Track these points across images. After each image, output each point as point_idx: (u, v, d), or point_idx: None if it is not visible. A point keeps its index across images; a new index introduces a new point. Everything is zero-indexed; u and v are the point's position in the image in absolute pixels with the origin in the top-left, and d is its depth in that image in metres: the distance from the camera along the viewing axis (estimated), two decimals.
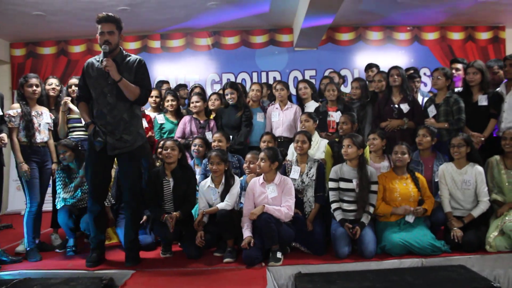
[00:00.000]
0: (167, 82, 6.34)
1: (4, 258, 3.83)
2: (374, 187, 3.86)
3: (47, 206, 4.54)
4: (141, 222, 4.10)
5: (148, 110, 5.32)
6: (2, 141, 3.79)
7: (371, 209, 3.84)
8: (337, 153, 4.28)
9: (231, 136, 4.75)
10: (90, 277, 3.43)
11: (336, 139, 4.56)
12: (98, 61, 3.61)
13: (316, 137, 4.57)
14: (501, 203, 3.93)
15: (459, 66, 5.33)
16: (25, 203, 4.12)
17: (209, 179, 4.05)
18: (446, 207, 3.93)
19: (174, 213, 3.85)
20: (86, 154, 3.85)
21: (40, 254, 3.98)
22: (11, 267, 3.73)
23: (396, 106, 4.66)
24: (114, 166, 3.98)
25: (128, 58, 3.64)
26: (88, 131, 3.65)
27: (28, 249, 3.98)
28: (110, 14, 3.52)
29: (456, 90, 4.88)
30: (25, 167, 3.99)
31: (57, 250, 4.24)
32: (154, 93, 5.31)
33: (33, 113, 4.16)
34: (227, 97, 5.04)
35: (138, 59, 3.65)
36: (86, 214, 3.98)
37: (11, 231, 5.42)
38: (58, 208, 4.23)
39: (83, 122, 4.37)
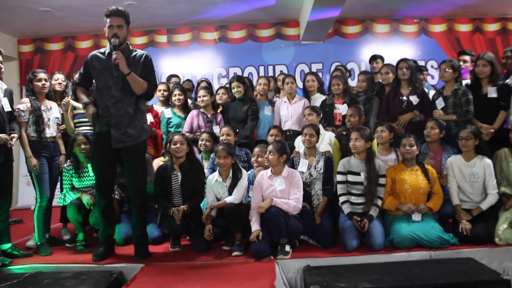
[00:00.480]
0: (177, 76, 6.31)
1: (16, 252, 3.86)
2: (382, 180, 3.86)
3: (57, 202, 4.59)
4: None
5: (156, 105, 5.34)
6: (10, 143, 3.78)
7: (379, 202, 3.84)
8: (345, 146, 4.28)
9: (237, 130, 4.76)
10: (100, 271, 3.46)
11: (344, 132, 4.56)
12: (103, 53, 3.63)
13: (320, 130, 4.56)
14: (510, 195, 3.91)
15: (467, 58, 5.30)
16: (35, 198, 4.16)
17: (216, 173, 4.06)
18: (454, 199, 3.92)
19: (182, 206, 3.88)
20: (91, 148, 3.88)
21: (50, 248, 4.02)
22: (23, 261, 3.76)
23: (405, 98, 4.63)
24: None
25: (135, 53, 3.65)
26: (86, 112, 3.67)
27: (38, 243, 4.02)
28: (119, 8, 3.54)
29: (464, 82, 4.85)
30: (34, 161, 4.02)
31: (67, 245, 4.27)
32: (162, 87, 5.32)
33: (43, 107, 4.19)
34: (233, 91, 5.05)
35: (145, 54, 3.67)
36: (94, 208, 4.03)
37: (21, 226, 5.48)
38: (60, 205, 4.27)
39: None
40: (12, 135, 3.84)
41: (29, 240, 4.29)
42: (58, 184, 4.52)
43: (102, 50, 3.68)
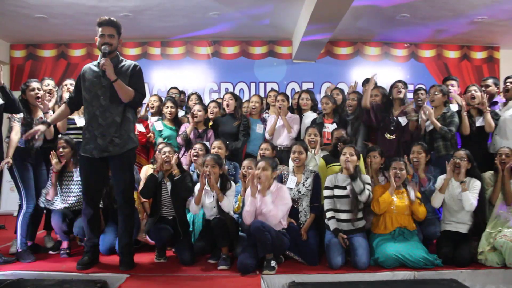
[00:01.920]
0: (176, 88, 6.30)
1: None
2: (367, 187, 3.93)
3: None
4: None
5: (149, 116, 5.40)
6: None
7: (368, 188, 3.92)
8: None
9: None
10: (83, 280, 3.42)
11: (329, 153, 4.61)
12: (95, 65, 3.65)
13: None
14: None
15: (454, 83, 5.41)
16: (20, 204, 4.09)
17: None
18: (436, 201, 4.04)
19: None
20: (79, 157, 3.84)
21: (33, 255, 3.96)
22: (4, 267, 3.70)
23: (395, 118, 4.72)
24: None
25: (124, 63, 3.68)
26: (37, 127, 3.66)
27: (19, 250, 3.94)
28: (112, 18, 3.58)
29: (452, 106, 4.97)
30: (4, 162, 3.88)
31: (51, 252, 4.22)
32: (153, 98, 5.41)
33: (35, 121, 4.15)
34: (224, 103, 5.08)
35: (133, 64, 3.70)
36: (79, 217, 4.01)
37: (3, 232, 5.40)
38: (41, 206, 4.20)
39: (77, 124, 4.44)
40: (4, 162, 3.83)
41: (11, 247, 4.23)
42: None
43: (94, 62, 3.70)
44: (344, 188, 3.94)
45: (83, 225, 3.81)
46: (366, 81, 5.93)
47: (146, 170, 4.50)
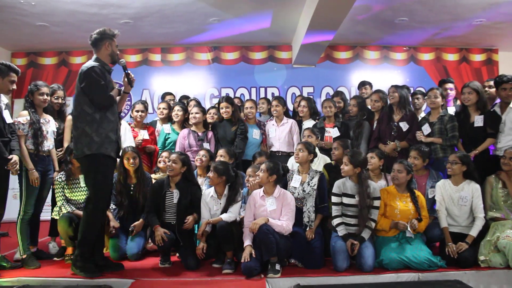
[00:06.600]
0: (171, 94, 6.38)
1: (4, 264, 3.84)
2: (376, 203, 3.90)
3: (45, 215, 4.55)
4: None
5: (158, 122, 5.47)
6: (13, 167, 3.74)
7: (372, 224, 3.88)
8: (334, 177, 4.32)
9: None
10: (89, 285, 3.45)
11: (332, 162, 4.62)
12: (107, 70, 3.78)
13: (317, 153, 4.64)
14: (499, 219, 3.99)
15: (451, 85, 5.42)
16: (18, 210, 4.12)
17: (212, 188, 4.10)
18: (442, 222, 3.98)
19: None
20: (102, 157, 3.67)
21: (38, 261, 3.97)
22: (10, 273, 3.72)
23: (396, 124, 4.74)
24: None
25: None
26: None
27: (23, 256, 3.96)
28: None
29: (449, 109, 4.98)
30: (36, 174, 4.02)
31: (55, 258, 4.24)
32: (162, 105, 5.50)
33: (42, 120, 4.20)
34: (221, 111, 5.13)
35: None
36: None
37: (7, 239, 5.39)
38: (56, 218, 4.21)
39: None
40: (12, 160, 3.76)
41: (16, 253, 4.23)
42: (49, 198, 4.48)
43: (99, 66, 3.71)
44: (353, 196, 3.92)
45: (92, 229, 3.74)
46: (362, 84, 5.99)
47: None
